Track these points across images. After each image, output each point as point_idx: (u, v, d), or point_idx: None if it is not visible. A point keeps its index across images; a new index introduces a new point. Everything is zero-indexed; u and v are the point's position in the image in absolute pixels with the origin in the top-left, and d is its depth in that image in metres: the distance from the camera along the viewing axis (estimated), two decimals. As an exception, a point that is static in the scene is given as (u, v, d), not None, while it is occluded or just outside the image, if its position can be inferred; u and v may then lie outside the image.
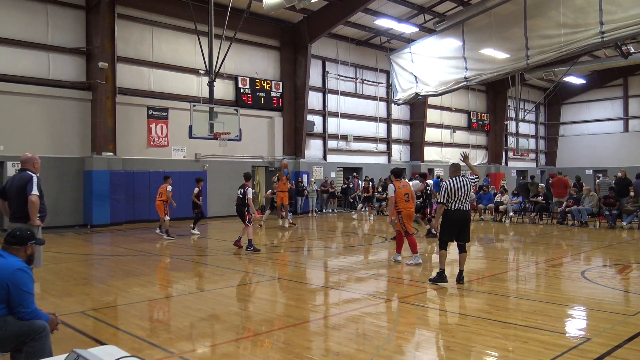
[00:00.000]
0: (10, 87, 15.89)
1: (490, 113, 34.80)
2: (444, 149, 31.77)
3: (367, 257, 11.39)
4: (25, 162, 6.24)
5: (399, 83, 20.66)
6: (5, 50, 15.92)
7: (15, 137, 15.89)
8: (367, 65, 26.98)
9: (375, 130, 27.71)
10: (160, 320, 6.38)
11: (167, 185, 14.25)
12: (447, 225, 7.90)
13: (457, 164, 8.20)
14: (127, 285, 8.16)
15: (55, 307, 6.43)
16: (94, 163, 17.09)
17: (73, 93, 17.24)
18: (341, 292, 7.88)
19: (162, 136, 19.30)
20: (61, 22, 17.09)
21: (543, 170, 38.09)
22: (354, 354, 4.77)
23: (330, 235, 15.65)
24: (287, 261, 10.98)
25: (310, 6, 19.76)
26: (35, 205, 5.97)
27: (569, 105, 38.19)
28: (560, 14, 14.82)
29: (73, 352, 2.21)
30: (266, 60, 22.88)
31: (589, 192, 17.09)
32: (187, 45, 19.85)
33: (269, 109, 22.79)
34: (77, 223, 17.22)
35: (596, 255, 11.36)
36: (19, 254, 3.99)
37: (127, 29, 18.53)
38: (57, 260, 10.56)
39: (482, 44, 17.20)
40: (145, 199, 18.39)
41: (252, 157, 22.11)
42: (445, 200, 7.86)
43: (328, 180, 24.51)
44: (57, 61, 17.00)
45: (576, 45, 14.60)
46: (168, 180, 14.44)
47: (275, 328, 5.80)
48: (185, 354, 4.87)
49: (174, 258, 11.24)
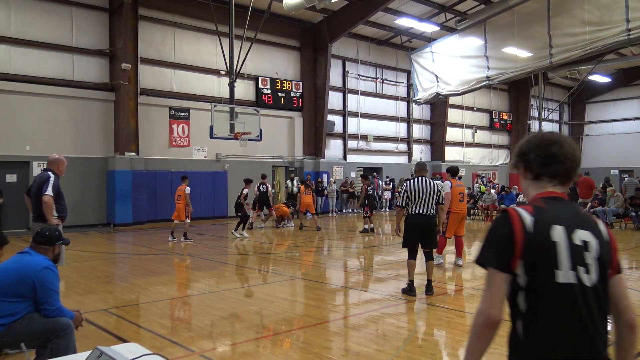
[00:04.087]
0: (36, 89, 16.20)
1: (513, 112, 34.34)
2: (465, 148, 31.46)
3: (387, 257, 11.34)
4: (50, 162, 6.35)
5: (419, 82, 20.53)
6: (31, 52, 16.25)
7: (41, 138, 16.20)
8: (388, 64, 26.85)
9: (396, 130, 27.57)
10: (181, 319, 6.44)
11: (185, 186, 13.37)
12: (407, 231, 7.17)
13: (421, 163, 7.55)
14: (149, 283, 8.25)
15: (78, 304, 6.53)
16: (116, 163, 17.34)
17: (96, 94, 17.51)
18: (361, 293, 7.85)
19: (184, 136, 19.48)
20: (85, 25, 17.37)
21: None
22: (374, 355, 4.75)
23: (350, 236, 15.62)
24: (307, 261, 10.99)
25: (330, 6, 19.74)
26: (48, 205, 6.03)
27: (594, 104, 37.47)
28: (584, 11, 14.56)
29: (96, 349, 2.23)
30: (286, 60, 22.94)
31: (614, 192, 16.75)
32: (208, 46, 20.00)
33: (289, 109, 22.84)
34: (100, 222, 17.49)
35: (622, 257, 11.10)
36: (47, 254, 4.07)
37: (150, 31, 18.76)
38: (81, 258, 10.74)
39: (505, 43, 16.99)
40: (166, 198, 18.58)
41: (272, 157, 22.18)
42: (405, 204, 7.18)
43: (348, 181, 24.46)
44: (81, 63, 17.28)
45: (601, 43, 14.33)
46: (186, 181, 13.52)
47: (295, 328, 5.81)
48: (205, 352, 4.90)
49: (194, 257, 11.33)
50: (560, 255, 1.73)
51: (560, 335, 1.71)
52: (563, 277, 1.72)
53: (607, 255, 1.79)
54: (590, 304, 1.72)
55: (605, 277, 1.77)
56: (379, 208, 24.97)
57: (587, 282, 1.73)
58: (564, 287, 1.72)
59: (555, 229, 1.75)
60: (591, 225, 1.82)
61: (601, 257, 1.77)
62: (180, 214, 13.48)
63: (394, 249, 12.24)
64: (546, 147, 1.88)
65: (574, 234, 1.76)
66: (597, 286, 1.74)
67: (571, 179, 1.91)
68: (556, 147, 1.87)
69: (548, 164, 1.87)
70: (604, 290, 1.77)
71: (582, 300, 1.71)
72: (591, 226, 1.81)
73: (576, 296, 1.71)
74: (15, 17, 15.95)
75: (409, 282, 7.23)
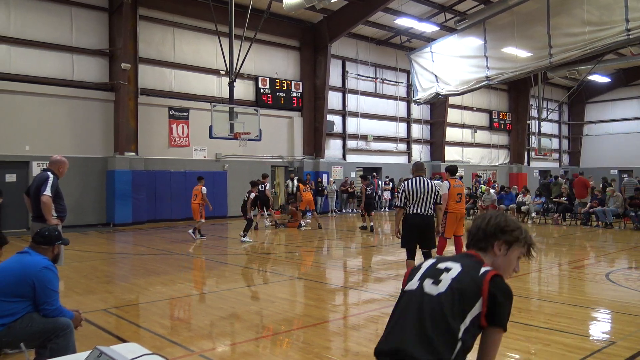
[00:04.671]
0: (36, 89, 16.21)
1: (512, 112, 34.35)
2: (465, 148, 31.47)
3: (387, 257, 11.34)
4: (52, 163, 6.35)
5: (419, 82, 20.54)
6: (31, 52, 16.25)
7: (41, 138, 16.21)
8: (387, 64, 26.86)
9: (395, 130, 27.58)
10: (181, 319, 6.44)
11: (201, 186, 14.06)
12: (405, 231, 7.18)
13: (419, 163, 7.53)
14: (148, 283, 8.26)
15: (78, 304, 6.53)
16: (116, 163, 17.34)
17: (96, 94, 17.52)
18: (360, 293, 7.86)
19: (183, 136, 19.49)
20: (85, 24, 17.38)
21: (566, 170, 37.45)
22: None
23: (350, 235, 15.63)
24: (307, 261, 10.99)
25: (330, 6, 19.75)
26: (47, 205, 6.02)
27: (594, 104, 37.48)
28: (584, 11, 14.57)
29: (96, 349, 2.23)
30: (286, 60, 22.94)
31: (613, 192, 16.76)
32: (208, 46, 20.01)
33: (289, 109, 22.84)
34: (100, 222, 17.49)
35: (621, 257, 11.14)
36: (46, 254, 4.07)
37: (149, 31, 18.76)
38: (81, 258, 10.74)
39: (504, 43, 17.01)
40: (166, 198, 18.62)
41: (272, 157, 22.18)
42: (403, 204, 7.18)
43: (348, 181, 24.46)
44: (81, 63, 17.29)
45: (601, 43, 14.34)
46: (202, 182, 14.20)
47: (295, 327, 5.81)
48: (205, 352, 4.91)
49: (195, 257, 11.34)
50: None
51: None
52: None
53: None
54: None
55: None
56: (378, 208, 24.98)
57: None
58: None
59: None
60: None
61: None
62: (195, 213, 14.16)
63: (394, 249, 12.24)
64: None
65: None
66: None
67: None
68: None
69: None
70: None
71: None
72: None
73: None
74: (15, 17, 15.95)
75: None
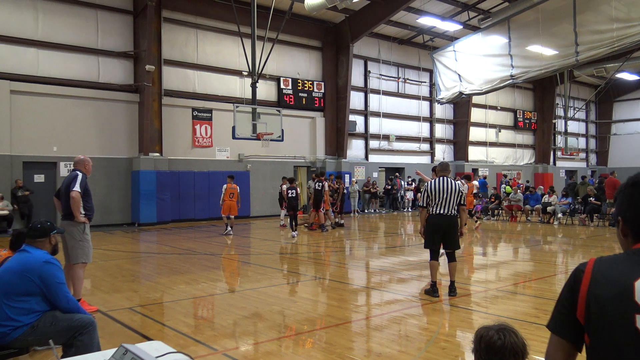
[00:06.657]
0: (63, 91, 16.53)
1: (538, 111, 33.80)
2: (489, 148, 31.09)
3: (410, 258, 11.26)
4: (76, 163, 6.59)
5: (442, 82, 20.35)
6: (58, 55, 16.58)
7: (68, 139, 16.53)
8: (410, 64, 26.69)
9: (418, 129, 27.39)
10: (204, 318, 6.49)
11: (234, 185, 14.98)
12: (428, 232, 7.14)
13: (444, 163, 7.41)
14: (172, 282, 8.34)
15: (104, 302, 6.64)
16: (141, 163, 17.58)
17: (121, 95, 17.79)
18: (383, 293, 7.81)
19: (207, 137, 19.66)
20: (110, 27, 17.67)
21: (594, 170, 36.74)
22: (396, 356, 4.72)
23: (372, 236, 15.56)
24: (330, 261, 10.98)
25: (351, 6, 19.71)
26: (76, 200, 6.16)
27: (622, 103, 36.68)
28: (612, 7, 14.25)
29: (122, 346, 2.26)
30: (308, 60, 22.97)
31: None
32: (230, 47, 20.15)
33: (311, 109, 22.87)
34: (125, 221, 17.76)
35: None
36: (44, 247, 4.04)
37: (173, 33, 18.98)
38: (107, 257, 10.91)
39: (529, 41, 16.74)
40: (190, 198, 18.80)
41: (294, 157, 22.23)
42: (426, 204, 7.15)
43: (370, 181, 24.39)
44: (106, 65, 17.58)
45: (629, 40, 14.01)
46: (233, 180, 15.13)
47: (317, 328, 5.80)
48: (228, 351, 4.93)
49: (218, 256, 11.42)
50: None
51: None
52: None
53: None
54: None
55: None
56: (401, 208, 24.92)
57: None
58: None
59: None
60: None
61: None
62: (233, 209, 14.91)
63: (417, 249, 12.17)
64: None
65: None
66: None
67: None
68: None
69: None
70: None
71: None
72: None
73: None
74: (43, 21, 16.30)
75: (431, 283, 7.18)
